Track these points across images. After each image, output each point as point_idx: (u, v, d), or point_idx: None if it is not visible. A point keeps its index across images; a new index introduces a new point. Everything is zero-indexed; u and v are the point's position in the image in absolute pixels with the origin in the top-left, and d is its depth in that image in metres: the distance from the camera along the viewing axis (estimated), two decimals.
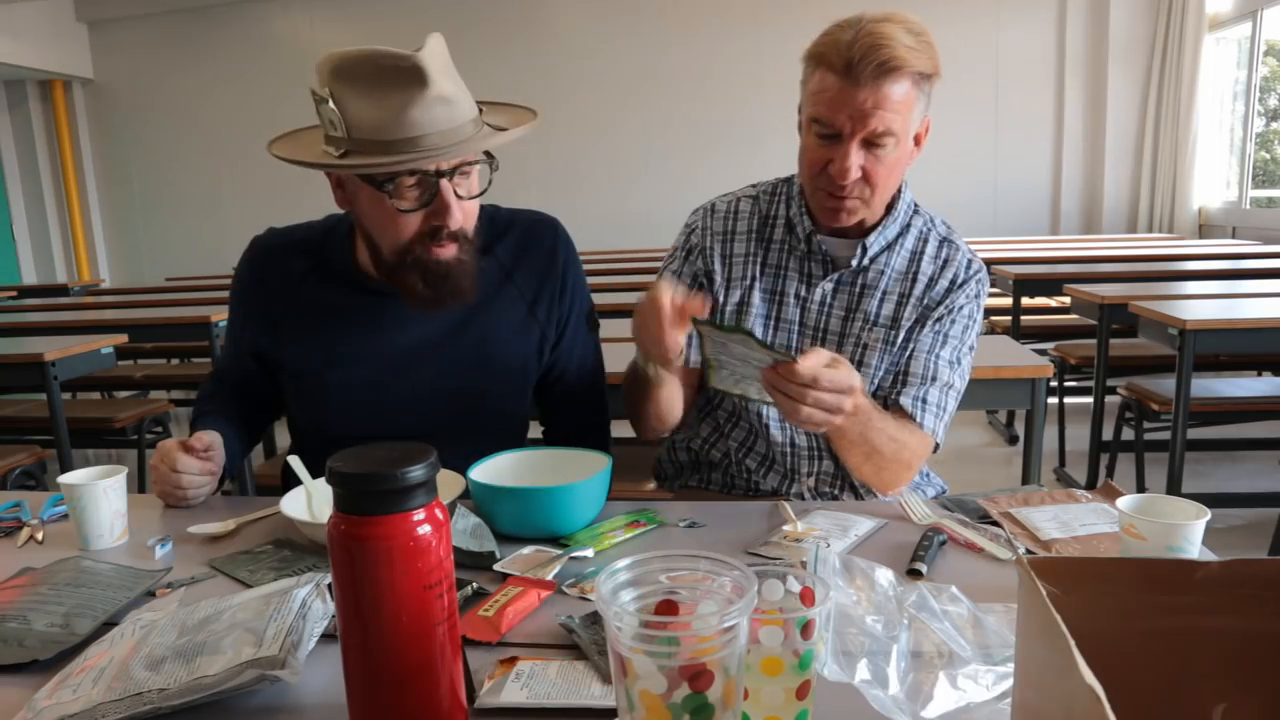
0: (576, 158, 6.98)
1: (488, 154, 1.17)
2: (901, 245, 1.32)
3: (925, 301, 1.31)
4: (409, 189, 1.12)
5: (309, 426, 1.37)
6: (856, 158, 1.16)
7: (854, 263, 1.30)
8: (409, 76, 1.06)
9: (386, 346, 1.28)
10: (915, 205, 1.35)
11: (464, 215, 1.17)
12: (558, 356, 1.38)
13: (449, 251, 1.17)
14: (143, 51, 7.69)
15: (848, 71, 1.12)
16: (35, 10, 7.06)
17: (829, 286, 1.31)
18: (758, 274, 1.33)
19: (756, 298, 1.33)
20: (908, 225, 1.33)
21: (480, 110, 1.18)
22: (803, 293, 1.32)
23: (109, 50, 7.76)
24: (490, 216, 1.33)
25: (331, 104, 1.09)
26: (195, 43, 7.57)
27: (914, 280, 1.31)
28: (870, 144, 1.16)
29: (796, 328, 1.32)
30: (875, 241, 1.29)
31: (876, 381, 1.31)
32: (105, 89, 7.86)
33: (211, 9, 7.46)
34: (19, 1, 6.77)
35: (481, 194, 1.20)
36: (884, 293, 1.31)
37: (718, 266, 1.35)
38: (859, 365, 1.29)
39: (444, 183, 1.12)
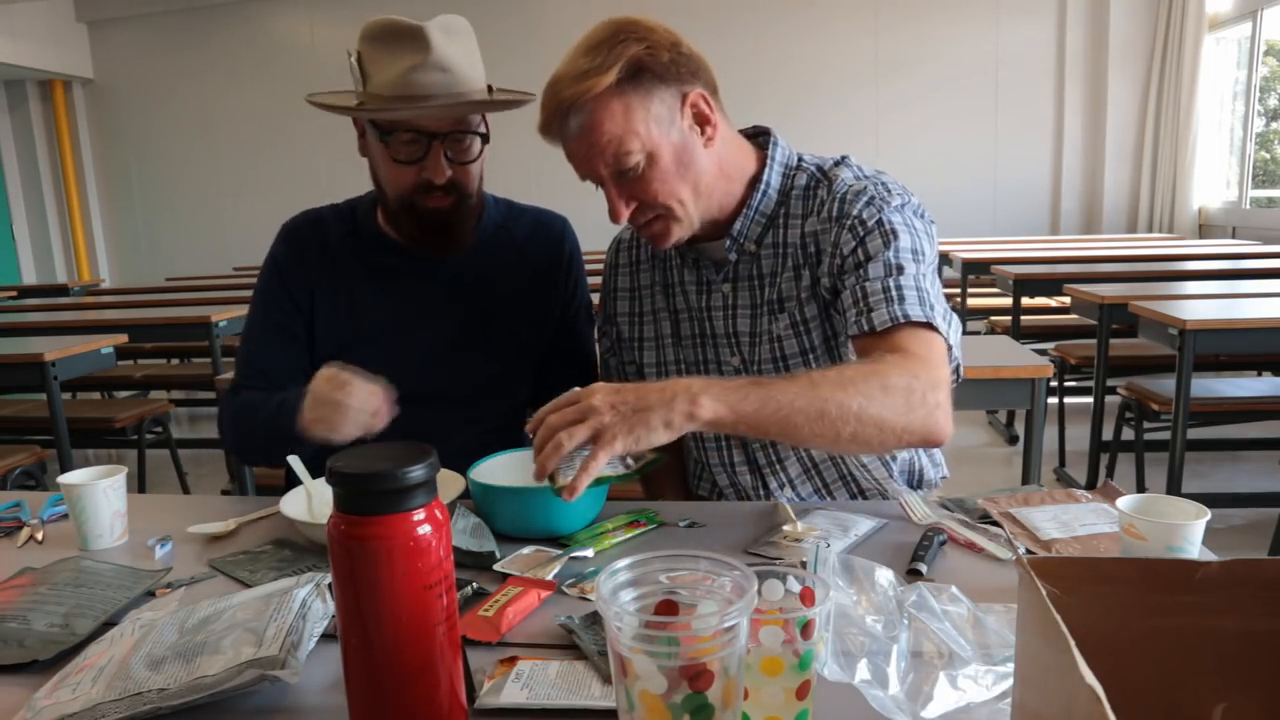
0: None
1: (483, 135, 1.30)
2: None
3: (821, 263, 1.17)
4: (405, 144, 1.25)
5: None
6: None
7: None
8: (414, 42, 1.21)
9: (406, 302, 1.38)
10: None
11: (457, 174, 1.28)
12: (558, 338, 1.46)
13: (444, 202, 1.29)
14: (143, 51, 7.69)
15: None
16: (35, 10, 7.06)
17: (726, 288, 1.25)
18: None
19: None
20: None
21: (490, 91, 1.30)
22: (701, 302, 1.28)
23: (109, 50, 7.77)
24: (509, 204, 1.49)
25: (354, 61, 1.26)
26: (195, 43, 7.57)
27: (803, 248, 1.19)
28: None
29: (703, 340, 1.29)
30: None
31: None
32: (105, 89, 7.86)
33: (212, 9, 7.46)
34: (19, 1, 6.77)
35: (476, 160, 1.31)
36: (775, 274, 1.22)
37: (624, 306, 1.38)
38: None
39: (435, 144, 1.24)
